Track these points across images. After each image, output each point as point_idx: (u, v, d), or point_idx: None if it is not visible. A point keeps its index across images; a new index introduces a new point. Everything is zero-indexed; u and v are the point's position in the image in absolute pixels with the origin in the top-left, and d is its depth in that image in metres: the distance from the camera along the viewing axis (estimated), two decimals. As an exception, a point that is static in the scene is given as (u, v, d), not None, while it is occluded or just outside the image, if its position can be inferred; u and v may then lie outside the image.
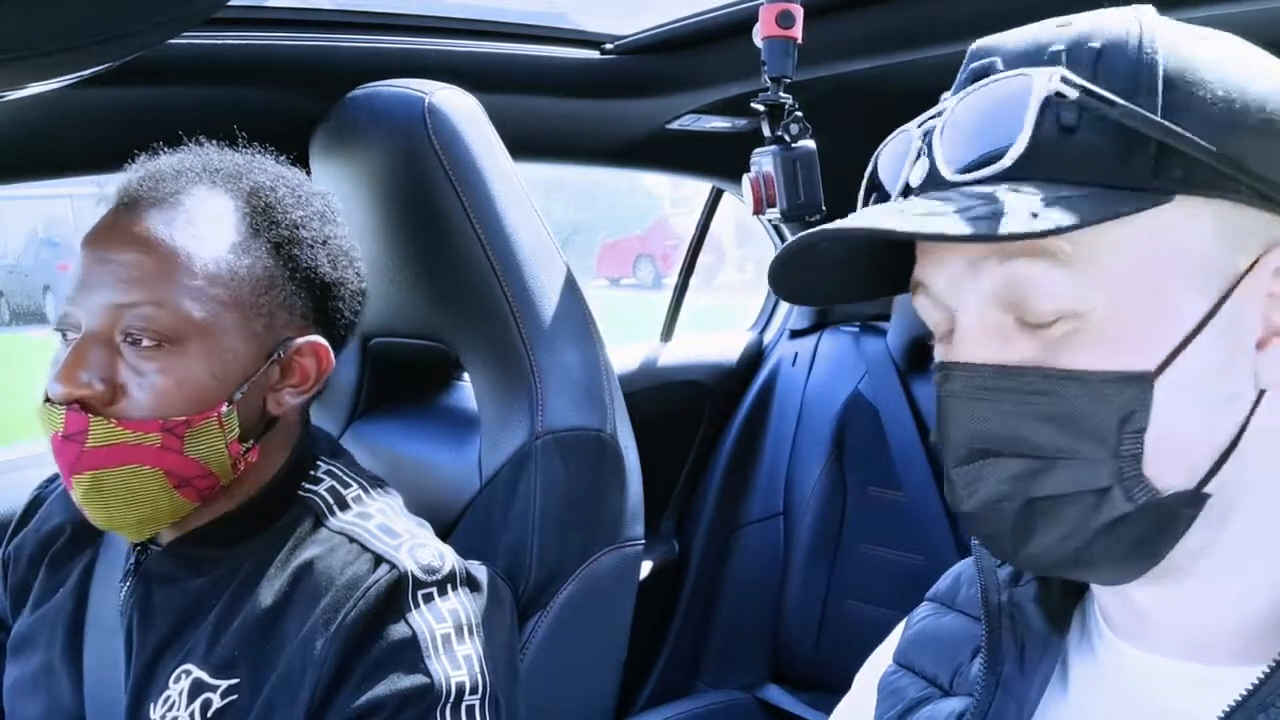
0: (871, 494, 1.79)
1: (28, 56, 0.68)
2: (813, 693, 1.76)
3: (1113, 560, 0.51)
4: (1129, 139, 0.47)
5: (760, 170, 1.15)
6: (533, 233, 1.08)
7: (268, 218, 0.86)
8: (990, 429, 0.50)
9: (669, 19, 1.46)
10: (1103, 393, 0.48)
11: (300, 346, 0.87)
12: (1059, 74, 0.47)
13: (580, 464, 1.03)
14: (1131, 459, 0.48)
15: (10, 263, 9.93)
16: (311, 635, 0.80)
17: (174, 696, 0.82)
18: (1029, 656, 0.59)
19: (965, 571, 0.70)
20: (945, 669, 0.65)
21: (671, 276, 2.08)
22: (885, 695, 0.67)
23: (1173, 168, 0.47)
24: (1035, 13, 0.56)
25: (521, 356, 1.04)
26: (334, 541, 0.86)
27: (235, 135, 0.94)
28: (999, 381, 0.50)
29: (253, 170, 0.89)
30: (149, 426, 0.79)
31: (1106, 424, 0.48)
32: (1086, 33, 0.50)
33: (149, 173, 0.85)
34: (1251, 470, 0.50)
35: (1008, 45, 0.53)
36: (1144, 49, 0.49)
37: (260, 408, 0.86)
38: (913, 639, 0.69)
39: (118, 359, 0.80)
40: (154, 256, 0.80)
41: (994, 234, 0.45)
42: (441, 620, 0.82)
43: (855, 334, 1.90)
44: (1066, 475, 0.49)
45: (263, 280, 0.84)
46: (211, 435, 0.82)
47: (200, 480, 0.83)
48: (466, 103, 1.10)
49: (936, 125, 0.52)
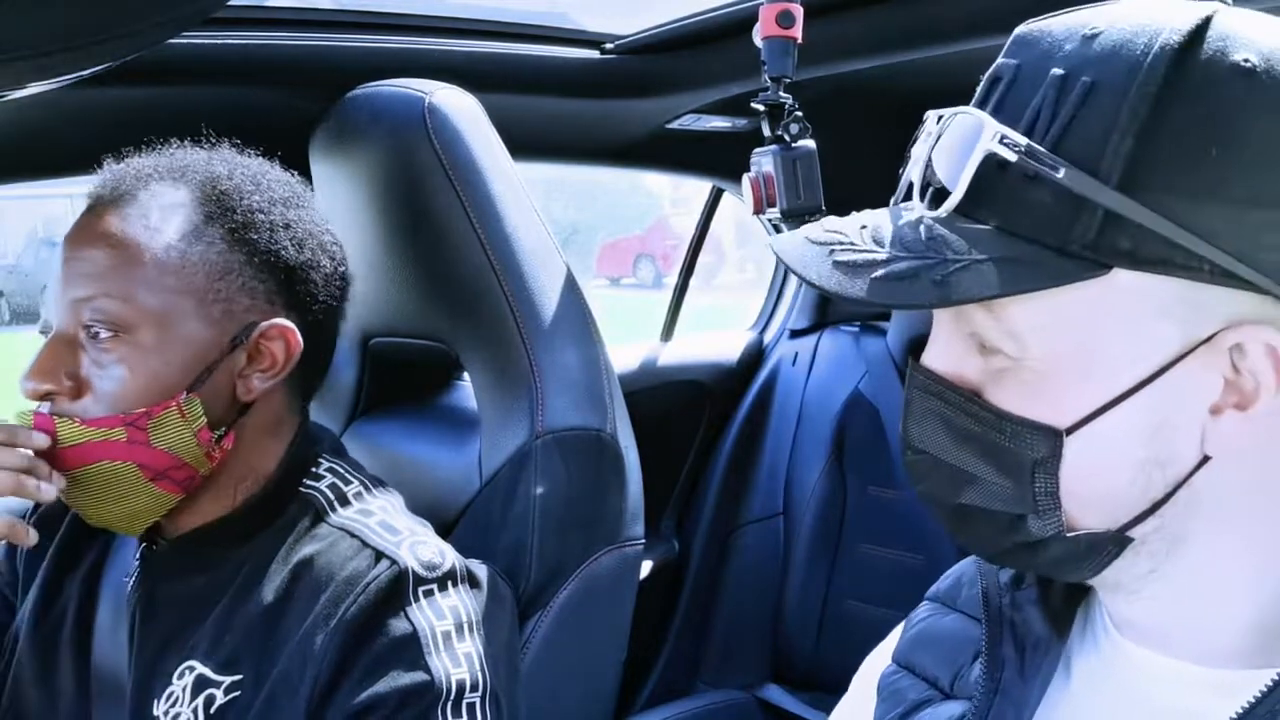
0: (871, 494, 1.79)
1: (28, 56, 0.69)
2: (813, 693, 1.76)
3: (1040, 568, 0.55)
4: (1075, 202, 0.46)
5: (760, 170, 1.15)
6: (533, 233, 1.08)
7: (221, 205, 0.86)
8: (930, 433, 0.54)
9: (669, 19, 1.46)
10: (1018, 434, 0.50)
11: (265, 330, 0.87)
12: (1000, 134, 0.47)
13: (580, 464, 1.03)
14: (1046, 495, 0.50)
15: (10, 263, 9.92)
16: (312, 631, 0.80)
17: (178, 692, 0.83)
18: (1029, 661, 0.59)
19: (967, 572, 0.70)
20: (946, 671, 0.65)
21: (671, 276, 2.08)
22: (885, 696, 0.67)
23: (1118, 239, 0.45)
24: (1036, 14, 0.56)
25: (521, 356, 1.04)
26: (334, 537, 0.86)
27: (235, 135, 0.94)
28: (943, 393, 0.53)
29: (211, 162, 0.89)
30: (111, 422, 0.81)
31: (1021, 463, 0.50)
32: (1100, 54, 0.47)
33: (112, 174, 0.87)
34: (1202, 514, 0.50)
35: (1035, 49, 0.51)
36: (1142, 89, 0.45)
37: (229, 394, 0.86)
38: (913, 639, 0.69)
39: (81, 353, 0.82)
40: (108, 251, 0.82)
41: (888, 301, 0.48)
42: (442, 617, 0.82)
43: (855, 334, 1.90)
44: (987, 494, 0.52)
45: (218, 266, 0.85)
46: (174, 425, 0.82)
47: (175, 471, 0.83)
48: (466, 103, 1.10)
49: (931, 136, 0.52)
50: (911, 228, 0.50)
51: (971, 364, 0.52)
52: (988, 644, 0.61)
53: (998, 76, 0.52)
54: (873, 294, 0.48)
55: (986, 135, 0.48)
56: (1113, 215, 0.45)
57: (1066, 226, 0.46)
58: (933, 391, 0.53)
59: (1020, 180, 0.47)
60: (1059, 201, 0.46)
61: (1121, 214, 0.45)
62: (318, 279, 0.91)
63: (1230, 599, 0.52)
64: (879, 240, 0.50)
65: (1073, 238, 0.46)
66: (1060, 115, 0.47)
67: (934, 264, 0.47)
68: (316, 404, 0.97)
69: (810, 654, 1.81)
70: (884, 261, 0.48)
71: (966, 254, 0.47)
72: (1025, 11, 0.56)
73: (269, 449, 0.90)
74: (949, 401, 0.52)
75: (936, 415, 0.53)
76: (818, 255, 0.51)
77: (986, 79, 0.53)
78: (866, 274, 0.48)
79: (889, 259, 0.49)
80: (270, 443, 0.90)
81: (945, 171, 0.50)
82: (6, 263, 10.00)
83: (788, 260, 0.52)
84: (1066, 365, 0.49)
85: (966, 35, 1.21)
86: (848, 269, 0.49)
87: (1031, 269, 0.46)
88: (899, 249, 0.49)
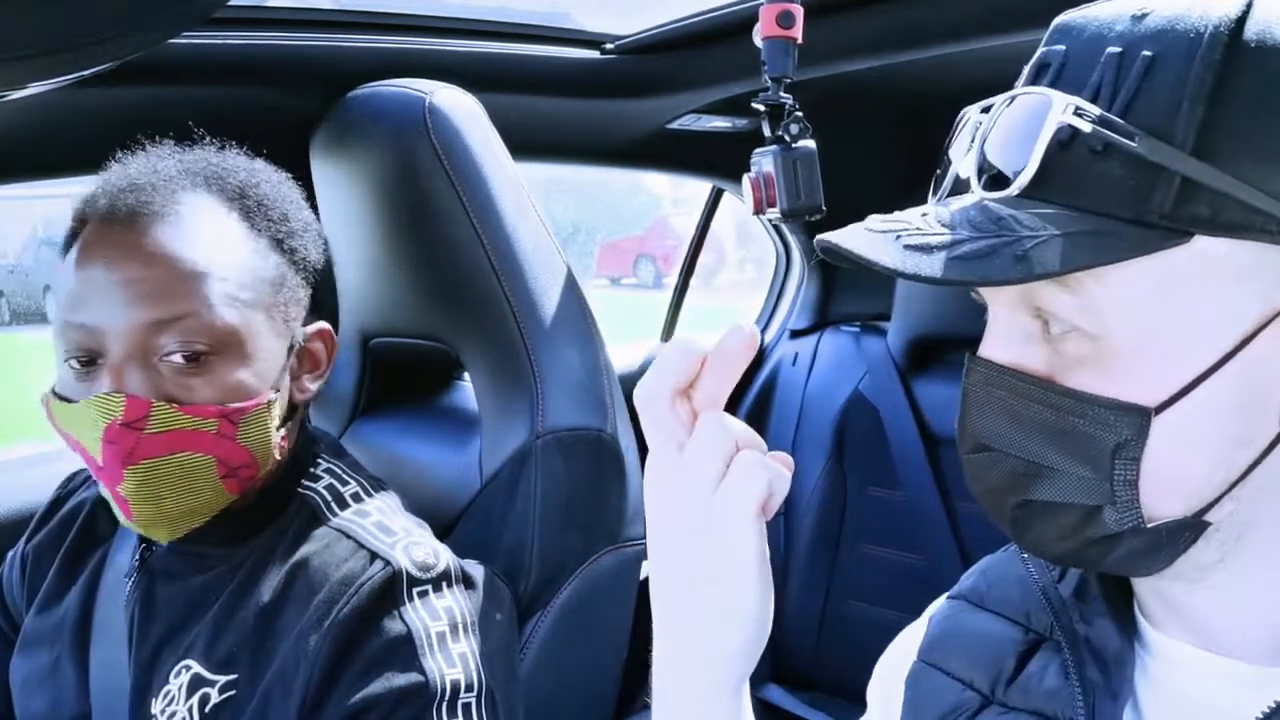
0: (871, 494, 1.79)
1: (28, 56, 0.68)
2: (813, 693, 1.76)
3: (1109, 565, 0.52)
4: (1150, 172, 0.45)
5: (760, 170, 1.15)
6: (533, 233, 1.08)
7: (263, 216, 0.87)
8: (995, 426, 0.51)
9: (669, 19, 1.46)
10: (1100, 418, 0.48)
11: (310, 334, 0.90)
12: (1074, 105, 0.46)
13: (580, 464, 1.03)
14: (1125, 484, 0.48)
15: (10, 263, 9.93)
16: (306, 631, 0.80)
17: (174, 691, 0.83)
18: (1114, 678, 0.56)
19: (991, 569, 0.68)
20: (982, 674, 0.62)
21: (671, 276, 2.08)
22: (914, 695, 0.65)
23: (1196, 205, 0.45)
24: (1036, 13, 0.55)
25: (522, 356, 1.04)
26: (330, 538, 0.86)
27: (235, 135, 0.94)
28: (1010, 383, 0.50)
29: (235, 170, 0.88)
30: (208, 412, 0.79)
31: (1101, 448, 0.48)
32: (1155, 30, 0.48)
33: (129, 183, 0.83)
34: (1271, 497, 0.49)
35: (1083, 31, 0.51)
36: (1201, 61, 0.45)
37: (289, 397, 0.88)
38: (939, 638, 0.67)
39: (158, 379, 0.79)
40: (175, 271, 0.79)
41: (968, 279, 0.45)
42: (436, 618, 0.82)
43: (855, 334, 1.90)
44: (1060, 486, 0.50)
45: (275, 276, 0.86)
46: (261, 422, 0.83)
47: (245, 470, 0.83)
48: (466, 103, 1.10)
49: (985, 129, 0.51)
50: (977, 210, 0.48)
51: (1036, 353, 0.50)
52: (1075, 668, 0.58)
53: (1045, 63, 0.51)
54: (950, 272, 0.46)
55: (1057, 108, 0.47)
56: (1189, 182, 0.45)
57: (1143, 197, 0.46)
58: (999, 383, 0.51)
59: (1085, 156, 0.47)
60: (1131, 173, 0.46)
61: (1199, 180, 0.45)
62: (329, 278, 0.94)
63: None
64: (945, 224, 0.48)
65: (1150, 208, 0.45)
66: (1124, 89, 0.47)
67: (1010, 241, 0.46)
68: (317, 404, 0.97)
69: (810, 654, 1.81)
70: (958, 242, 0.47)
71: (1042, 230, 0.46)
72: (1025, 11, 0.56)
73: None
74: (1018, 391, 0.50)
75: (1003, 407, 0.51)
76: (884, 242, 0.48)
77: (1032, 67, 0.52)
78: (941, 254, 0.46)
79: (962, 239, 0.47)
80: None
81: (1004, 155, 0.49)
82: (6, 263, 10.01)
83: (854, 249, 0.48)
84: (1151, 340, 0.47)
85: (967, 35, 1.21)
86: (920, 251, 0.47)
87: (1112, 240, 0.45)
88: (970, 229, 0.47)
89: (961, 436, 0.54)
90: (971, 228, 0.47)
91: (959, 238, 0.47)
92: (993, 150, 0.50)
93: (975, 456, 0.53)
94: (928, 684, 0.65)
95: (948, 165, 0.54)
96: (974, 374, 0.52)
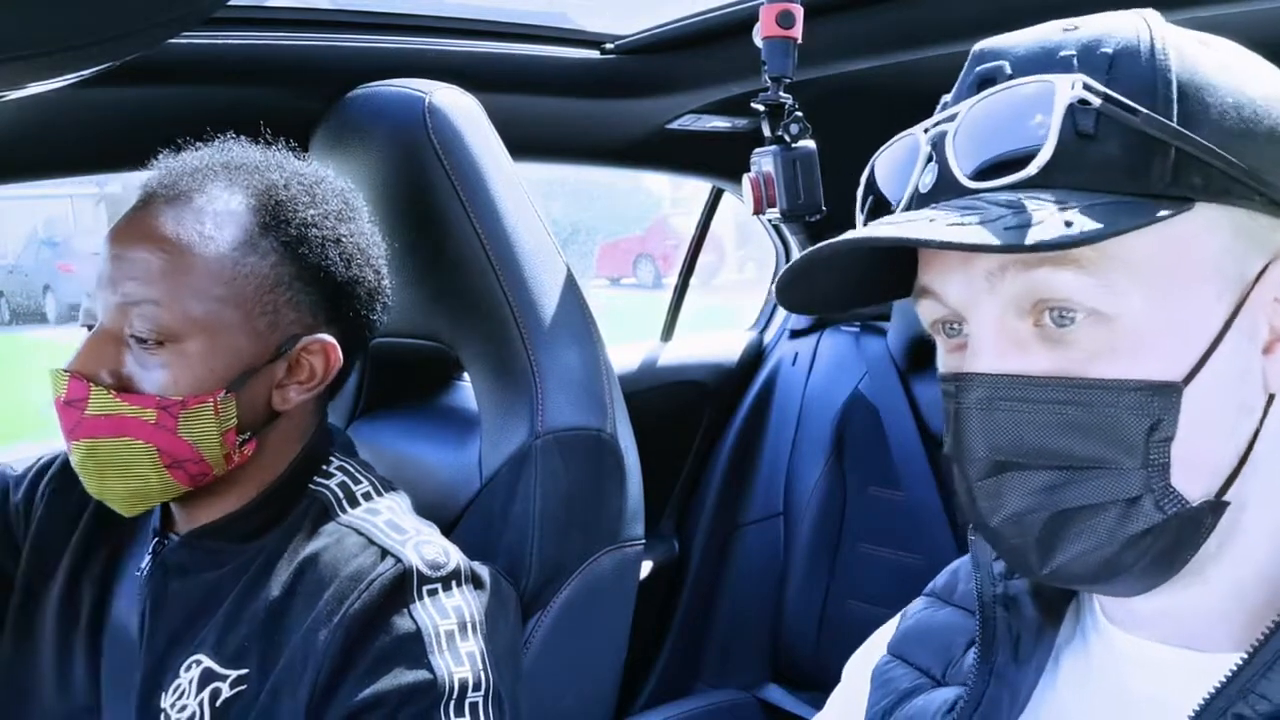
0: (871, 494, 1.79)
1: (28, 56, 0.68)
2: (813, 692, 1.76)
3: (1137, 571, 0.50)
4: (1148, 147, 0.47)
5: (760, 170, 1.15)
6: (533, 233, 1.08)
7: (277, 216, 0.86)
8: (1013, 440, 0.49)
9: (669, 19, 1.46)
10: (1134, 402, 0.47)
11: (308, 344, 0.88)
12: (1081, 81, 0.47)
13: (580, 464, 1.03)
14: (1160, 468, 0.48)
15: (10, 263, 9.92)
16: (315, 626, 0.80)
17: (185, 685, 0.83)
18: (1024, 646, 0.59)
19: (964, 567, 0.70)
20: (938, 661, 0.65)
21: (671, 276, 2.08)
22: (878, 685, 0.68)
23: (1191, 175, 0.47)
24: (1036, 14, 0.56)
25: (521, 356, 1.04)
26: (341, 534, 0.86)
27: (236, 135, 0.94)
28: (1021, 392, 0.49)
29: (269, 167, 0.89)
30: (146, 402, 0.81)
31: (1135, 433, 0.48)
32: (1096, 37, 0.50)
33: (169, 169, 0.87)
34: (1260, 475, 0.50)
35: (1015, 49, 0.52)
36: (1156, 55, 0.49)
37: (264, 402, 0.87)
38: (907, 631, 0.70)
39: (125, 352, 0.82)
40: (160, 254, 0.82)
41: (1024, 244, 0.44)
42: (445, 616, 0.83)
43: (855, 334, 1.90)
44: (1096, 486, 0.49)
45: (269, 278, 0.85)
46: (205, 419, 0.83)
47: (191, 464, 0.83)
48: (466, 103, 1.10)
49: (949, 130, 0.51)
50: (984, 200, 0.48)
51: (1039, 353, 0.49)
52: (981, 629, 0.61)
53: (989, 77, 0.52)
54: (1009, 238, 0.44)
55: (1063, 88, 0.47)
56: (1183, 154, 0.47)
57: (1143, 172, 0.47)
58: (1008, 394, 0.49)
59: (1074, 142, 0.48)
60: (1129, 151, 0.47)
61: (1191, 152, 0.47)
62: (361, 294, 0.92)
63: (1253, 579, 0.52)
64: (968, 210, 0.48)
65: (1152, 181, 0.47)
66: (1097, 78, 0.48)
67: (1045, 212, 0.46)
68: (316, 404, 0.97)
69: (810, 654, 1.81)
70: (999, 217, 0.46)
71: (1065, 203, 0.46)
72: (1025, 11, 0.56)
73: (288, 452, 0.91)
74: (1034, 397, 0.48)
75: (1019, 418, 0.49)
76: (921, 225, 0.47)
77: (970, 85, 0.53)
78: (991, 227, 0.45)
79: (999, 216, 0.46)
80: (290, 447, 0.91)
81: (1003, 144, 0.49)
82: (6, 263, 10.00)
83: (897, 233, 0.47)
84: (1165, 312, 0.48)
85: (967, 35, 1.21)
86: (964, 228, 0.46)
87: (1132, 208, 0.46)
88: (996, 208, 0.47)
89: (969, 462, 0.51)
90: (992, 206, 0.47)
91: (989, 216, 0.46)
92: (986, 145, 0.50)
93: (994, 480, 0.50)
94: (891, 673, 0.67)
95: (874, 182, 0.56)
96: (970, 392, 0.50)
